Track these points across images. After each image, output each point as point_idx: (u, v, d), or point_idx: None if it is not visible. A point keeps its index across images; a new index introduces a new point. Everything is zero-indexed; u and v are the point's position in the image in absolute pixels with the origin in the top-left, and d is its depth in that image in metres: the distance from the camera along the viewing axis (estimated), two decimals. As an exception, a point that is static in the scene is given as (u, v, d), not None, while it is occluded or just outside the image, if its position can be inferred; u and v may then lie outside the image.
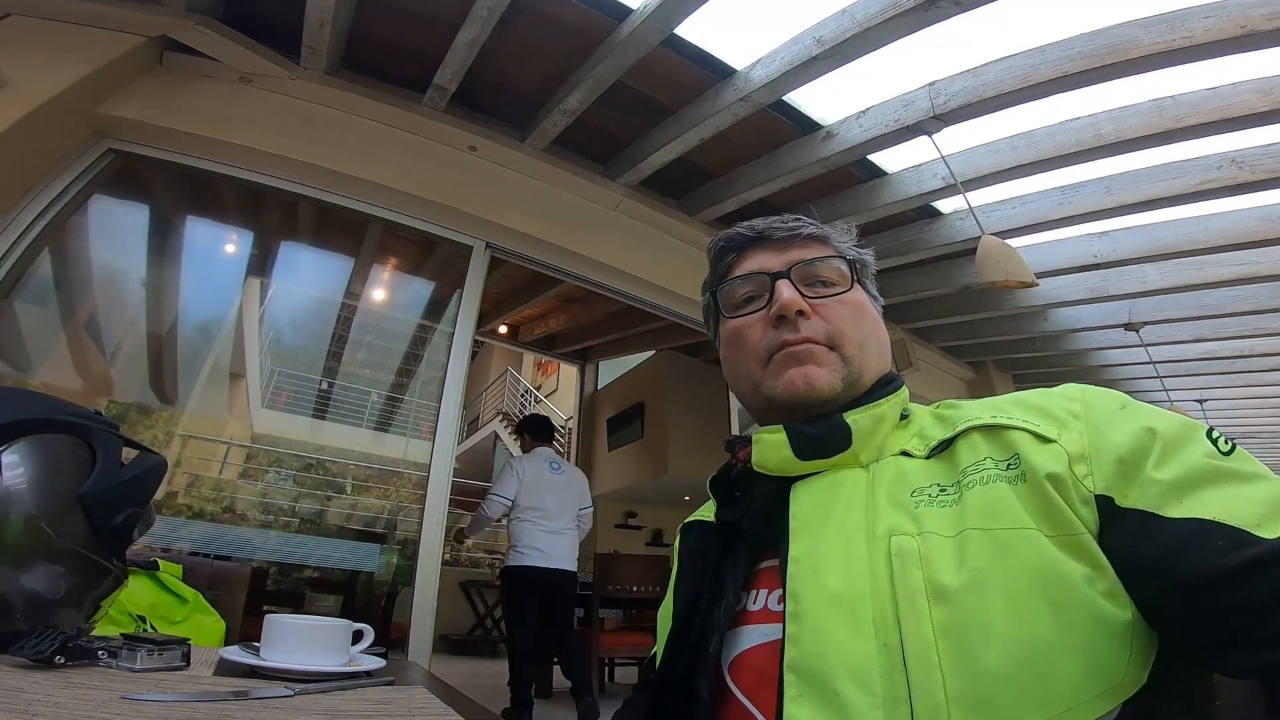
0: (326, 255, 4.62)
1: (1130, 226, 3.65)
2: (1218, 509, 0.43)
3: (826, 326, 0.63)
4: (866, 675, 0.45)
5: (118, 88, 2.57)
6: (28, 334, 2.89)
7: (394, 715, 0.65)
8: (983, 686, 0.41)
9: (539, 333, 7.13)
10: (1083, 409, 0.52)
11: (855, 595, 0.49)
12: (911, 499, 0.53)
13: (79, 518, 0.70)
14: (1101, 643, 0.41)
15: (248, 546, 3.21)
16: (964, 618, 0.44)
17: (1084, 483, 0.47)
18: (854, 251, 0.72)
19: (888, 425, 0.61)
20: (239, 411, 5.74)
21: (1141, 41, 2.33)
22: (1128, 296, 4.26)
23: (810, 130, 3.18)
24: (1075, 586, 0.43)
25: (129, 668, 0.66)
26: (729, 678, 0.56)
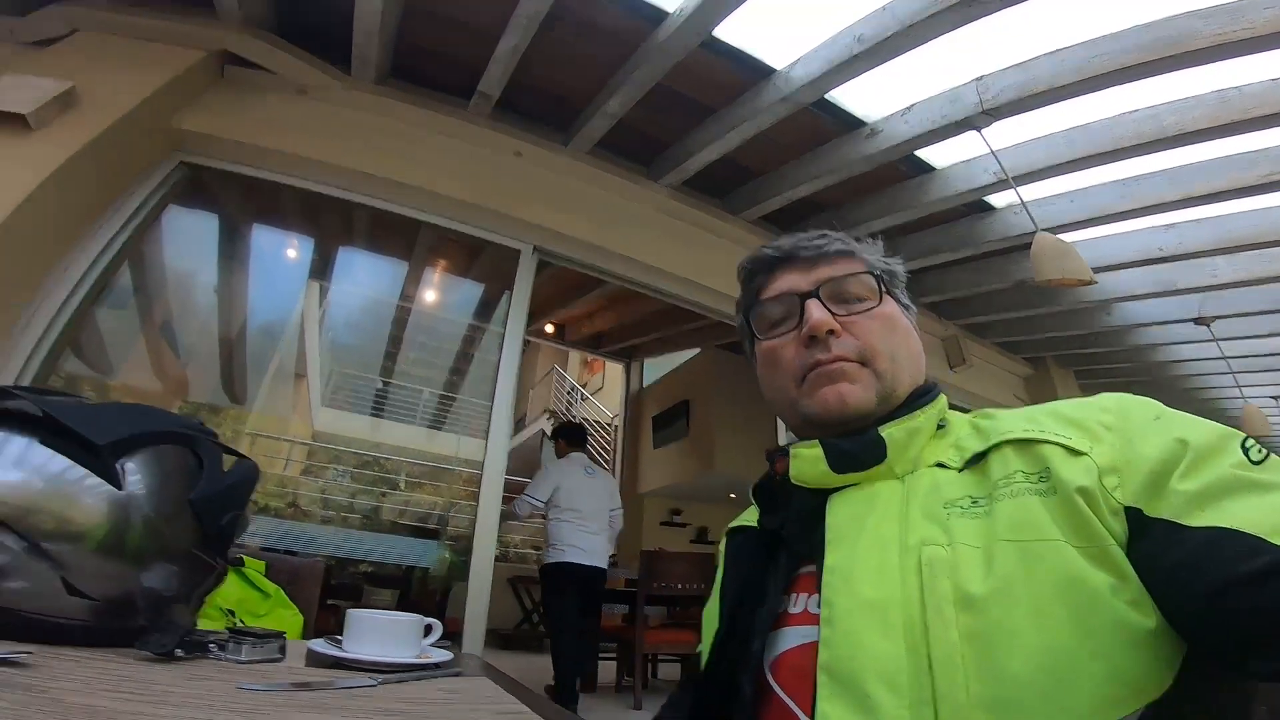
0: (381, 259, 4.79)
1: (1199, 218, 3.48)
2: (1237, 518, 0.43)
3: (858, 343, 0.64)
4: (894, 677, 0.47)
5: (185, 102, 2.71)
6: (108, 338, 3.09)
7: (465, 703, 0.71)
8: (1005, 690, 0.43)
9: (585, 331, 7.22)
10: (1116, 420, 0.52)
11: (887, 602, 0.50)
12: (944, 510, 0.54)
13: (190, 520, 0.78)
14: (1123, 650, 0.43)
15: (312, 542, 3.38)
16: (989, 625, 0.46)
17: (1113, 495, 0.47)
18: (882, 263, 0.72)
19: (923, 437, 0.62)
20: (301, 410, 6.02)
21: (1201, 33, 2.23)
22: (1197, 290, 4.06)
23: (854, 128, 3.14)
24: (1099, 596, 0.44)
25: (235, 659, 0.73)
26: (770, 676, 0.58)
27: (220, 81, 2.85)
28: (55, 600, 0.66)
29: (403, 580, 3.91)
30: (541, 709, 0.72)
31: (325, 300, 5.35)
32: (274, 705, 0.57)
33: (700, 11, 2.42)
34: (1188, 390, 6.20)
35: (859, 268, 0.69)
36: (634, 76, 2.77)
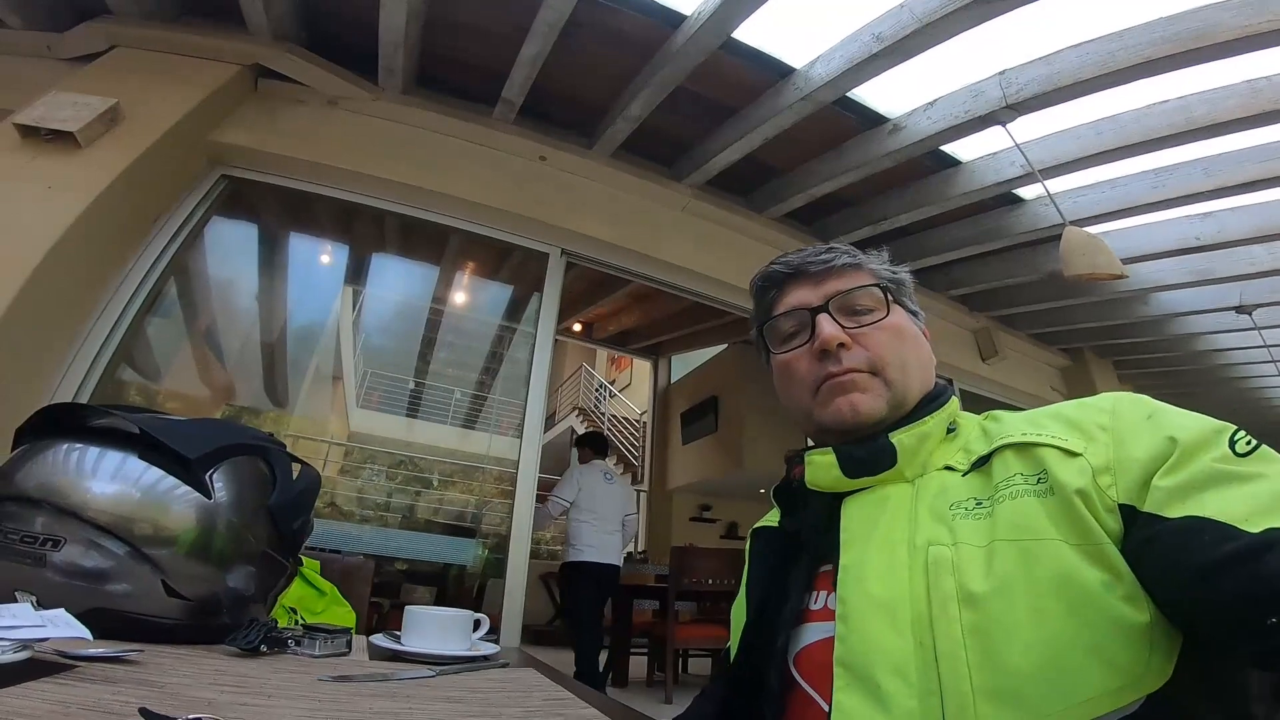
0: (413, 264, 4.89)
1: (1235, 207, 3.39)
2: (1212, 508, 0.45)
3: (867, 355, 0.67)
4: (904, 669, 0.51)
5: (223, 116, 2.81)
6: (156, 346, 3.22)
7: (518, 691, 0.77)
8: (1006, 681, 0.47)
9: (612, 329, 7.28)
10: (1111, 420, 0.55)
11: (896, 600, 0.54)
12: (950, 512, 0.57)
13: (265, 525, 0.86)
14: (1119, 643, 0.45)
15: (353, 541, 3.49)
16: (990, 620, 0.49)
17: (1108, 493, 0.50)
18: (889, 273, 0.74)
19: (933, 441, 0.65)
20: (338, 412, 6.20)
21: (1227, 24, 2.19)
22: (1237, 279, 3.96)
23: (876, 124, 3.14)
24: (1093, 592, 0.47)
25: (310, 654, 0.81)
26: (795, 670, 0.61)
27: (254, 95, 2.95)
28: (157, 601, 0.74)
29: (439, 577, 4.02)
30: (584, 694, 0.78)
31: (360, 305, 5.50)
32: (350, 694, 0.64)
33: (719, 14, 2.45)
34: (1230, 379, 6.03)
35: (866, 280, 0.71)
36: (655, 79, 2.81)
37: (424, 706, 0.63)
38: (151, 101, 2.54)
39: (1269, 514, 0.43)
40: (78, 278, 2.37)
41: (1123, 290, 4.25)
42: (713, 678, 0.89)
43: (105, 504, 0.74)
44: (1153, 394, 0.57)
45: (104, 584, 0.72)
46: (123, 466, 0.77)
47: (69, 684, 0.52)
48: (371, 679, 0.71)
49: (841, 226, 3.95)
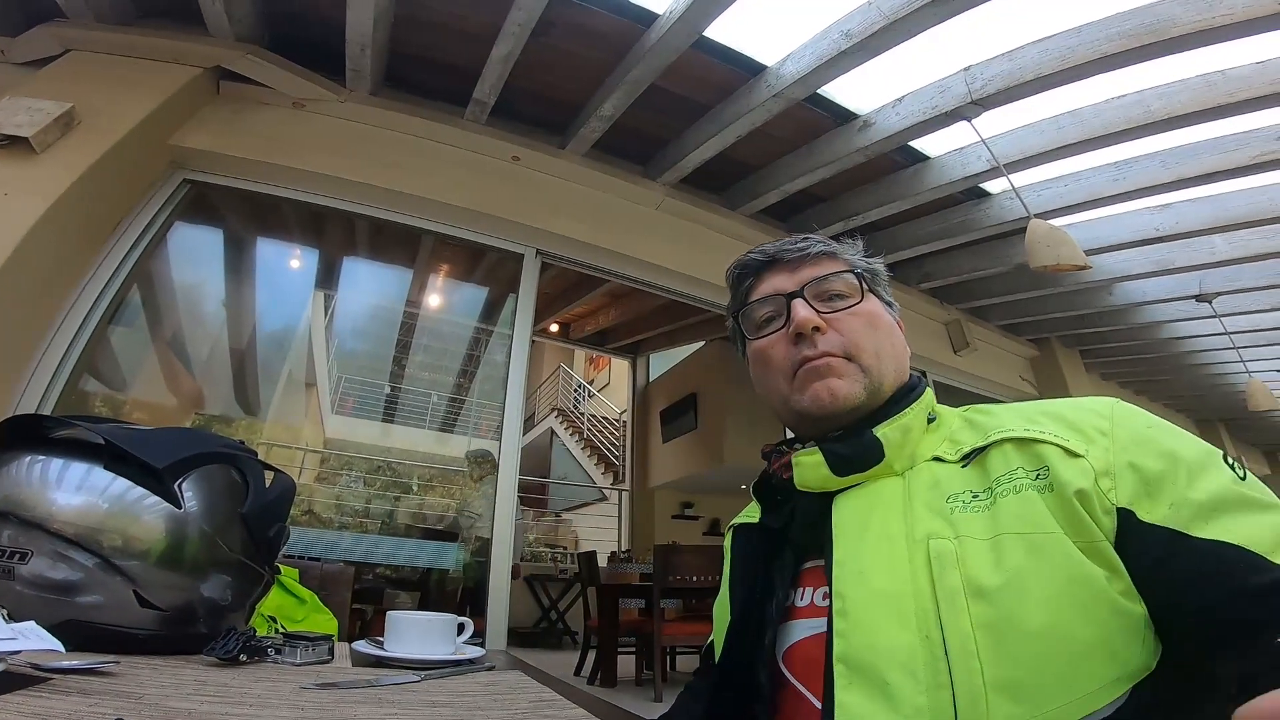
0: (385, 267, 4.84)
1: (1194, 198, 3.51)
2: (1240, 534, 0.47)
3: (842, 339, 0.67)
4: (911, 665, 0.50)
5: (184, 119, 2.74)
6: (120, 355, 3.14)
7: (504, 694, 0.77)
8: (1018, 673, 0.47)
9: (589, 329, 7.27)
10: (1110, 426, 0.55)
11: (898, 593, 0.54)
12: (946, 504, 0.57)
13: (240, 533, 0.84)
14: (1120, 635, 0.47)
15: (332, 548, 3.45)
16: (1002, 614, 0.49)
17: (1108, 496, 0.51)
18: (864, 262, 0.74)
19: (916, 433, 0.65)
20: (312, 418, 6.10)
21: (1180, 20, 2.26)
22: (1197, 268, 4.09)
23: (847, 120, 3.18)
24: (1099, 586, 0.48)
25: (291, 662, 0.80)
26: (784, 667, 0.61)
27: (217, 98, 2.88)
28: (130, 612, 0.73)
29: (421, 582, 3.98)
30: (573, 695, 0.78)
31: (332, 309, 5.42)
32: (335, 701, 0.63)
33: (690, 12, 2.46)
34: (1193, 366, 6.21)
35: (841, 267, 0.72)
36: (628, 78, 2.81)
37: (410, 712, 0.62)
38: (109, 105, 2.47)
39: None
40: (37, 285, 2.30)
41: (1087, 281, 4.37)
42: (697, 673, 0.89)
43: (71, 515, 0.72)
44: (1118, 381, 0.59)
45: (74, 596, 0.70)
46: (88, 477, 0.75)
47: (44, 696, 0.51)
48: (356, 685, 0.71)
49: (815, 222, 3.98)
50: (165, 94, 2.62)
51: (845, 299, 0.70)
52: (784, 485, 0.68)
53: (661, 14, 2.59)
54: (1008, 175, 3.08)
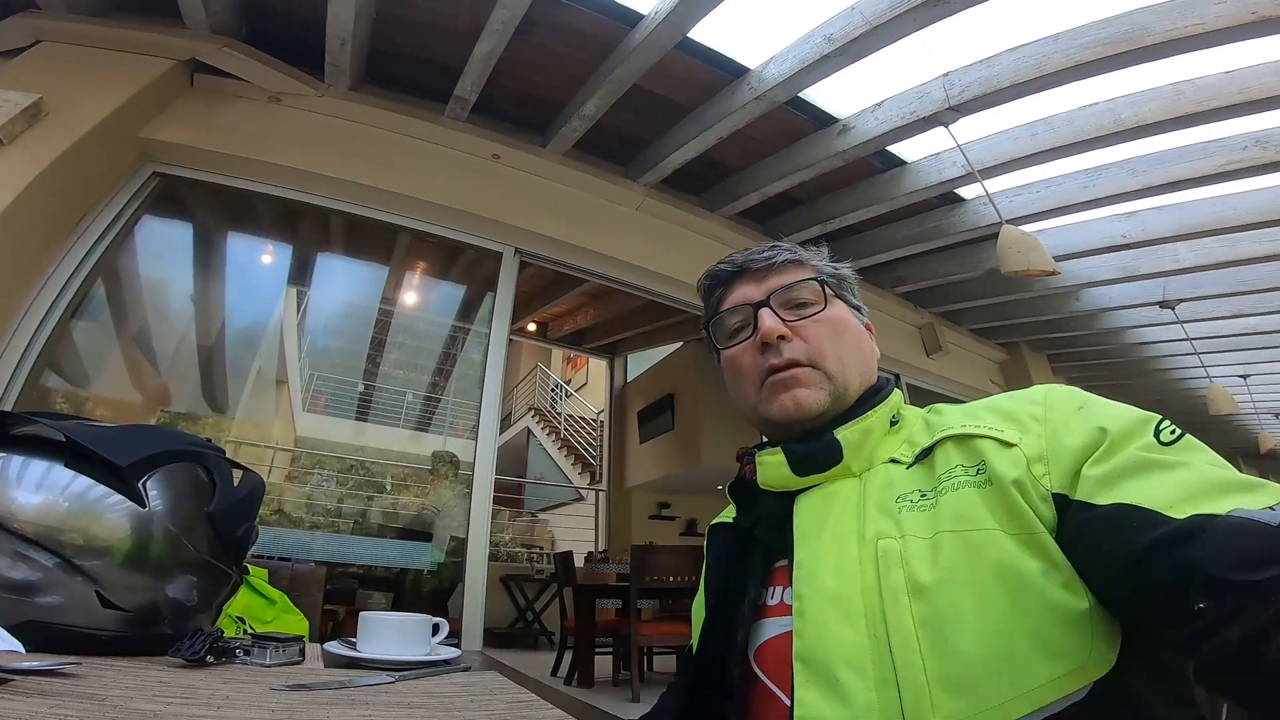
0: (360, 263, 4.77)
1: (1159, 206, 3.61)
2: (1138, 495, 0.47)
3: (807, 347, 0.68)
4: (859, 662, 0.51)
5: (155, 112, 2.69)
6: (84, 351, 3.05)
7: (480, 695, 0.76)
8: (958, 669, 0.48)
9: (567, 329, 7.24)
10: (1043, 411, 0.56)
11: (848, 593, 0.55)
12: (896, 505, 0.58)
13: (206, 533, 0.82)
14: (1060, 630, 0.46)
15: (303, 548, 3.39)
16: (939, 610, 0.50)
17: (1042, 482, 0.51)
18: (830, 268, 0.76)
19: (876, 435, 0.66)
20: (283, 416, 5.98)
21: (1154, 29, 2.33)
22: (1161, 275, 4.21)
23: (827, 124, 3.21)
24: (1032, 580, 0.48)
25: (261, 663, 0.78)
26: (755, 664, 0.62)
27: (190, 91, 2.82)
28: (92, 613, 0.70)
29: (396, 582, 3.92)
30: (550, 696, 0.77)
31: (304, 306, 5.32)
32: (306, 703, 0.62)
33: (675, 13, 2.46)
34: (1156, 371, 6.40)
35: (806, 274, 0.73)
36: (611, 78, 2.80)
37: (384, 713, 0.61)
38: (78, 97, 2.42)
39: (1192, 500, 0.45)
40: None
41: (1056, 287, 4.47)
42: (677, 674, 0.89)
43: (31, 514, 0.70)
44: (1084, 385, 0.59)
45: (34, 596, 0.68)
46: (48, 475, 0.72)
47: (3, 698, 0.50)
48: (328, 687, 0.69)
49: (793, 225, 4.02)
50: (136, 86, 2.57)
51: (811, 306, 0.71)
52: (753, 485, 0.69)
53: (647, 14, 2.59)
54: (982, 181, 3.14)
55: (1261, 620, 0.38)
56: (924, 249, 4.16)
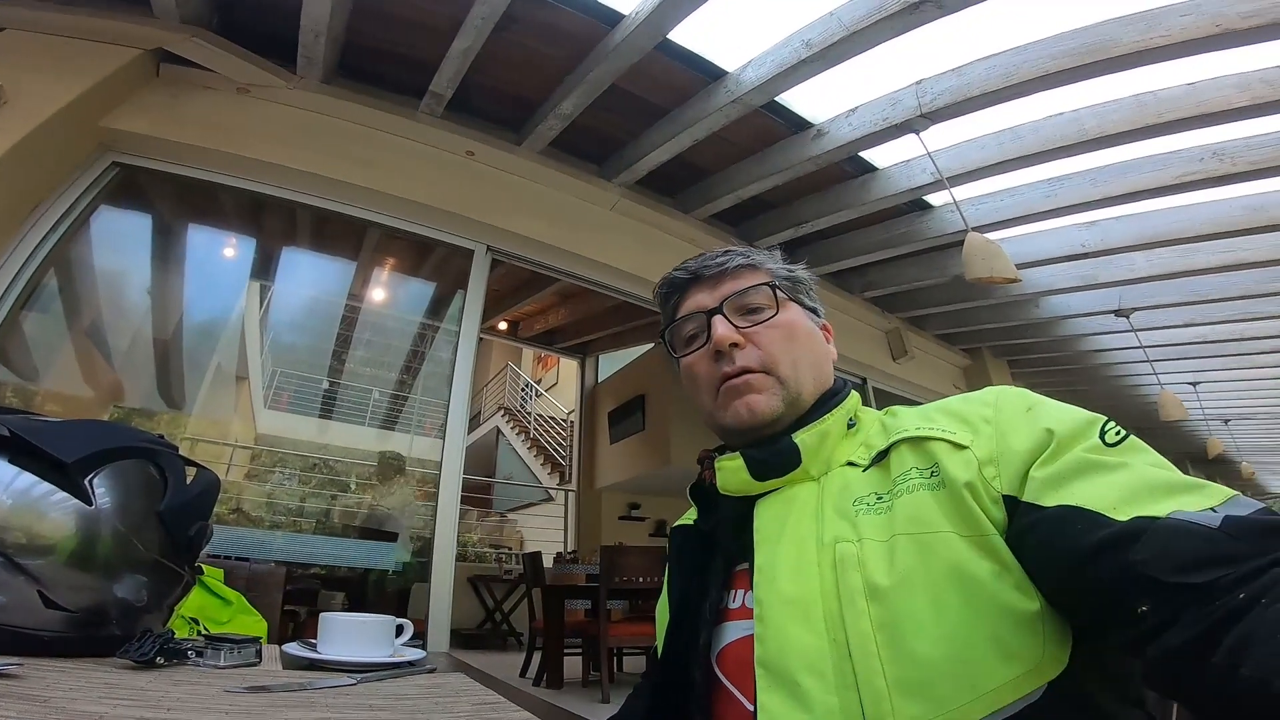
0: (327, 259, 4.67)
1: (1118, 216, 3.73)
2: (1082, 496, 0.47)
3: (759, 353, 0.68)
4: (820, 667, 0.51)
5: (118, 101, 2.61)
6: (33, 343, 2.94)
7: (446, 697, 0.74)
8: (916, 673, 0.48)
9: (539, 328, 7.19)
10: (994, 413, 0.56)
11: (807, 598, 0.55)
12: (853, 508, 0.58)
13: (157, 532, 0.79)
14: (1013, 631, 0.47)
15: (262, 548, 3.30)
16: (895, 613, 0.50)
17: (993, 484, 0.52)
18: (784, 271, 0.75)
19: (833, 439, 0.66)
20: (243, 413, 5.82)
21: (1121, 40, 2.39)
22: (1117, 284, 4.35)
23: (801, 129, 3.25)
24: (985, 582, 0.48)
25: (214, 665, 0.75)
26: (717, 668, 0.62)
27: (156, 81, 2.75)
28: (33, 613, 0.67)
29: (359, 583, 3.84)
30: (518, 698, 0.76)
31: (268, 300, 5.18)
32: (264, 705, 0.59)
33: (656, 14, 2.46)
34: (1110, 378, 6.62)
35: (759, 279, 0.72)
36: (589, 77, 2.79)
37: (346, 715, 0.59)
38: (39, 86, 2.35)
39: (1134, 502, 0.45)
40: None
41: (1017, 294, 4.59)
42: (644, 675, 0.89)
43: (-30, 511, 0.66)
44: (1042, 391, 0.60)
45: (-29, 597, 0.64)
46: (-10, 470, 0.68)
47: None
48: (287, 689, 0.67)
49: (765, 228, 4.06)
50: (99, 75, 2.49)
51: (763, 311, 0.71)
52: (712, 489, 0.69)
53: (628, 14, 2.59)
54: (950, 189, 3.21)
55: (1201, 626, 0.38)
56: (892, 254, 4.24)
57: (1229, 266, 3.92)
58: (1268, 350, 5.53)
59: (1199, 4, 2.31)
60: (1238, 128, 2.86)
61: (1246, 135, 2.96)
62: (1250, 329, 5.07)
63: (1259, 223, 3.42)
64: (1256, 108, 2.61)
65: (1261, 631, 0.34)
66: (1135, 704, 0.51)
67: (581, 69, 2.84)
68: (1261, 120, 2.76)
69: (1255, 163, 2.95)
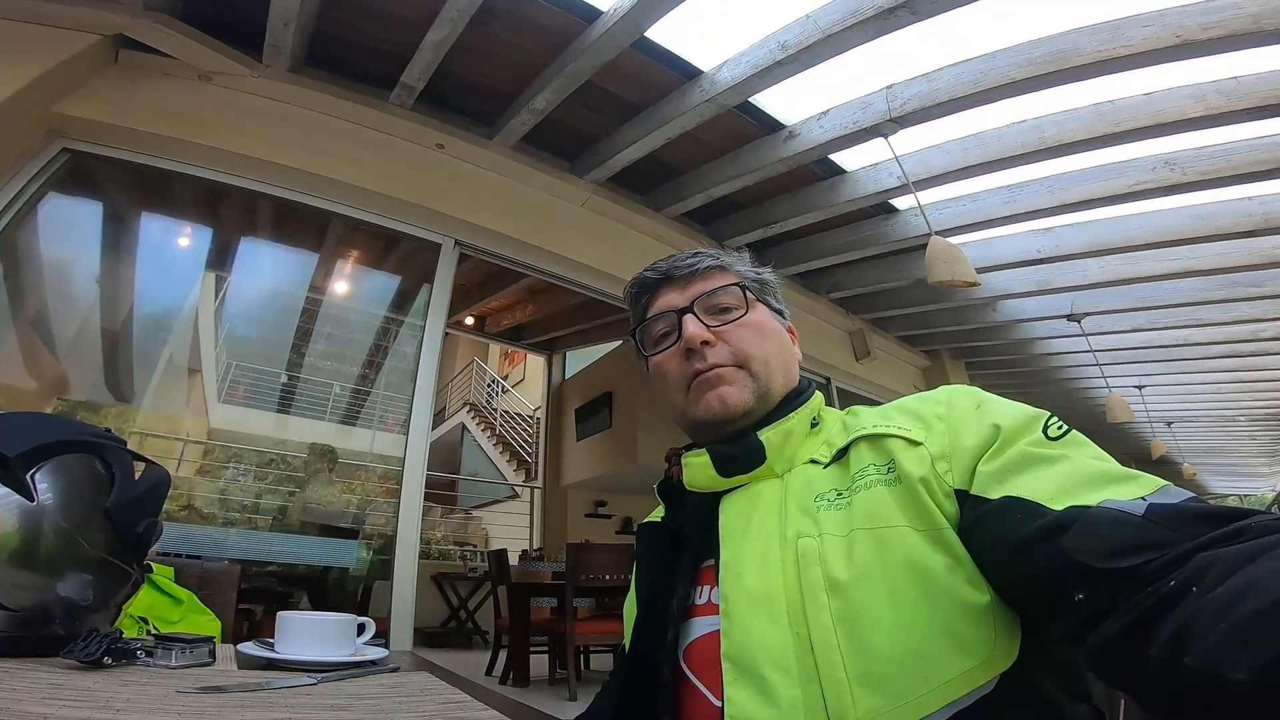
0: (288, 250, 4.54)
1: (1073, 224, 3.85)
2: (1023, 488, 0.49)
3: (731, 350, 0.69)
4: (784, 661, 0.52)
5: (74, 87, 2.51)
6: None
7: (410, 696, 0.72)
8: (875, 666, 0.49)
9: (506, 324, 7.12)
10: (946, 410, 0.59)
11: (771, 593, 0.56)
12: (815, 504, 0.60)
13: (103, 529, 0.75)
14: (966, 624, 0.48)
15: (215, 545, 3.20)
16: (854, 607, 0.51)
17: (945, 479, 0.53)
18: (752, 273, 0.77)
19: (798, 437, 0.67)
20: (195, 407, 5.62)
21: (1084, 49, 2.47)
22: (1070, 289, 4.50)
23: (773, 130, 3.27)
24: (939, 575, 0.50)
25: (165, 665, 0.72)
26: (684, 664, 0.63)
27: (113, 67, 2.65)
28: (-28, 614, 0.63)
29: (318, 581, 3.75)
30: (484, 696, 0.75)
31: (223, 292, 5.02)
32: (218, 706, 0.57)
33: (634, 11, 2.45)
34: (1062, 381, 6.85)
35: (729, 279, 0.74)
36: (564, 73, 2.77)
37: (306, 715, 0.57)
38: (-10, 70, 2.24)
39: (1070, 492, 0.47)
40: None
41: (976, 298, 4.72)
42: (612, 673, 0.89)
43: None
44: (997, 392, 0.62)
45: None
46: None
47: None
48: (242, 689, 0.64)
49: (735, 228, 4.09)
50: (55, 60, 2.39)
51: (734, 311, 0.72)
52: (679, 486, 0.70)
53: (606, 11, 2.57)
54: (915, 193, 3.27)
55: (1136, 613, 0.39)
56: (858, 257, 4.31)
57: (1176, 274, 4.09)
58: (1210, 356, 5.79)
59: (1161, 14, 2.39)
60: (1190, 138, 2.97)
61: (1197, 146, 3.08)
62: (1194, 335, 5.29)
63: (1205, 232, 3.57)
64: (1210, 118, 2.71)
65: (1201, 620, 0.35)
66: (1082, 698, 0.53)
67: (557, 64, 2.82)
68: (1213, 131, 2.87)
69: (1205, 173, 3.07)
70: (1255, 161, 3.00)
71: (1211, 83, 2.70)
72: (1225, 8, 2.30)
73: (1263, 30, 2.25)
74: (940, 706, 0.47)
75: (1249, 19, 2.26)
